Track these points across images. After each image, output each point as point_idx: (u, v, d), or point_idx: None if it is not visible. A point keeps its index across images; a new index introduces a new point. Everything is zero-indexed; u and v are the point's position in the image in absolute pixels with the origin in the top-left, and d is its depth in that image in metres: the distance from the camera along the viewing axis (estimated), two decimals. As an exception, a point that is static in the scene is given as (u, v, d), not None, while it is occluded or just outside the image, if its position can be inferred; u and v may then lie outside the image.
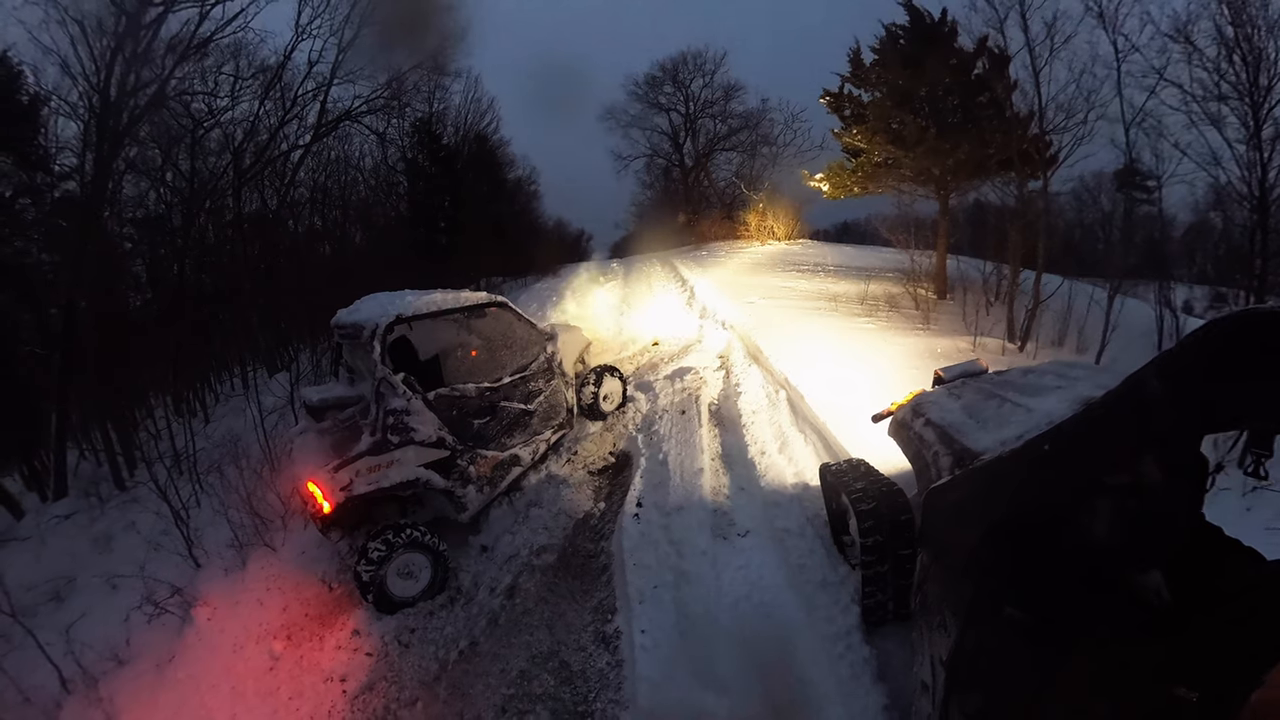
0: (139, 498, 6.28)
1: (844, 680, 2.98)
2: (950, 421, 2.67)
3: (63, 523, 6.56)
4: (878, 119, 9.75)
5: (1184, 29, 7.49)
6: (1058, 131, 8.60)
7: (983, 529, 1.95)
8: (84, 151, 9.05)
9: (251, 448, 6.17)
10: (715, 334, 8.07)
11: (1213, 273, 10.03)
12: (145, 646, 4.15)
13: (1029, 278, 8.57)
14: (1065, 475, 1.68)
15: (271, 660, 4.02)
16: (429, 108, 14.54)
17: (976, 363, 3.73)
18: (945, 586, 2.15)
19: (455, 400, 4.51)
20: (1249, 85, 7.03)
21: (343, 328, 4.66)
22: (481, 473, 4.63)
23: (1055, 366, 3.06)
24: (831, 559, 3.74)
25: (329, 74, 12.18)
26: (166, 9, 9.40)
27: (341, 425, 4.47)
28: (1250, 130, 7.06)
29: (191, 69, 10.39)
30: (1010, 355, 7.40)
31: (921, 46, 9.63)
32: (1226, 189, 7.90)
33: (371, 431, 4.12)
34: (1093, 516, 1.67)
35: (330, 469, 3.94)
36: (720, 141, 22.97)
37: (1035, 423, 2.22)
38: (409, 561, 4.13)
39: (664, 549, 4.03)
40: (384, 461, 4.10)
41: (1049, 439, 1.74)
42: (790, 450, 5.01)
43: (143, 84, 9.25)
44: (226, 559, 4.87)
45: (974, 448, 2.30)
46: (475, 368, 4.84)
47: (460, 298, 4.83)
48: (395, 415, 4.17)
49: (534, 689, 3.40)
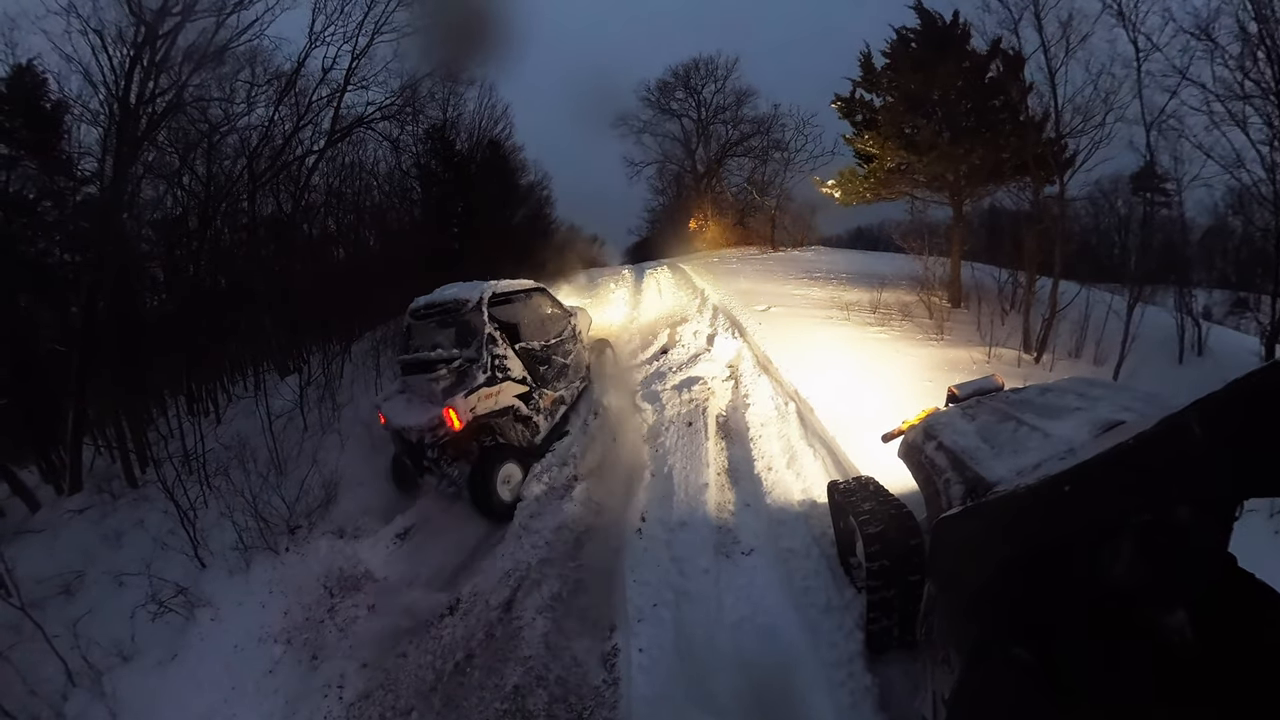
0: (149, 496, 6.32)
1: (844, 709, 2.88)
2: (963, 446, 2.55)
3: (76, 517, 6.62)
4: (889, 124, 9.55)
5: (1205, 26, 7.20)
6: (1074, 134, 8.33)
7: (993, 567, 1.85)
8: (104, 156, 9.20)
9: (259, 451, 6.17)
10: (725, 342, 7.97)
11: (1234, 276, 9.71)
12: (149, 643, 4.16)
13: (1045, 285, 8.35)
14: (1087, 517, 1.52)
15: (272, 663, 4.04)
16: (444, 114, 14.64)
17: (992, 379, 3.57)
18: (951, 621, 2.05)
19: (528, 353, 6.02)
20: (1274, 83, 6.75)
21: (433, 305, 5.84)
22: (545, 405, 6.07)
23: (1074, 384, 2.92)
24: (837, 581, 3.61)
25: (343, 80, 12.25)
26: (184, 18, 9.50)
27: (411, 382, 5.65)
28: (1276, 129, 6.78)
29: (208, 76, 10.49)
30: (1026, 367, 7.18)
31: (933, 50, 9.41)
32: (1249, 191, 7.63)
33: (484, 371, 5.32)
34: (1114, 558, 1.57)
35: (461, 397, 5.06)
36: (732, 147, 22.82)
37: (1053, 449, 2.12)
38: (508, 473, 5.32)
39: (665, 566, 3.95)
40: (494, 392, 5.37)
41: (1070, 479, 1.53)
42: (799, 465, 4.89)
43: (161, 91, 9.38)
44: (230, 561, 4.87)
45: (988, 477, 2.19)
46: (532, 333, 6.31)
47: (518, 283, 6.41)
48: (498, 360, 5.50)
49: (528, 705, 3.33)
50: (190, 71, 9.80)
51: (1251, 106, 6.92)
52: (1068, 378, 3.28)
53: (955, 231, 9.90)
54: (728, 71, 22.93)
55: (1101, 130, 7.98)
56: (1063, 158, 8.39)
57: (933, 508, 2.63)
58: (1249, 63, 6.87)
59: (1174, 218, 8.55)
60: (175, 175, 10.38)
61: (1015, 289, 9.07)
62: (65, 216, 9.90)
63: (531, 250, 13.36)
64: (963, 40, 9.44)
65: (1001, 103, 9.03)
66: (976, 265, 10.06)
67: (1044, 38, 8.14)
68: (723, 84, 22.97)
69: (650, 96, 23.81)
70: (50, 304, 9.63)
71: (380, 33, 12.33)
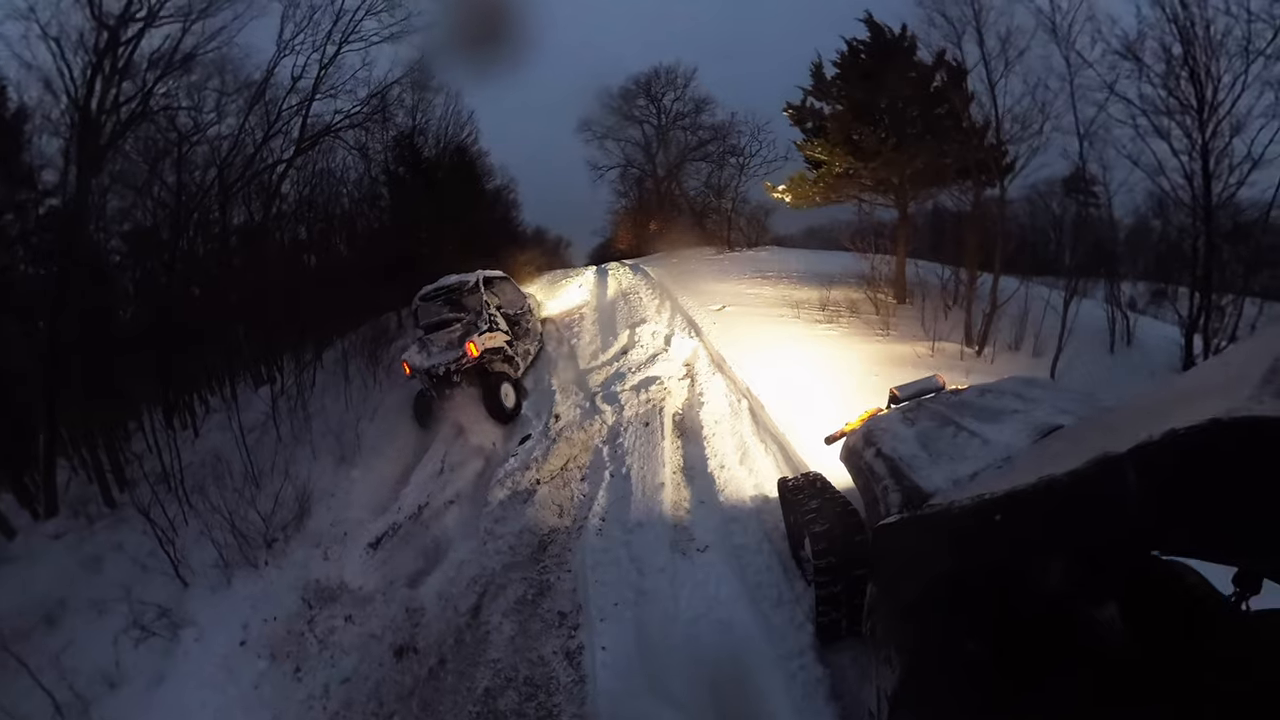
0: (127, 517, 6.14)
1: (798, 699, 2.95)
2: (902, 454, 2.55)
3: (53, 543, 6.41)
4: (838, 131, 9.71)
5: (1133, 47, 7.54)
6: (1015, 141, 8.65)
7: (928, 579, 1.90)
8: (66, 167, 8.79)
9: (235, 465, 6.08)
10: (682, 342, 8.07)
11: (1154, 270, 10.22)
12: (135, 669, 4.12)
13: (986, 282, 8.61)
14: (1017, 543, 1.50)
15: (257, 678, 4.03)
16: (412, 121, 14.38)
17: (934, 379, 3.56)
18: (892, 621, 2.08)
19: (507, 316, 8.15)
20: (1195, 100, 7.08)
21: (439, 289, 7.99)
22: (519, 351, 7.95)
23: (1013, 385, 2.95)
24: (789, 575, 3.70)
25: (311, 89, 11.97)
26: (147, 24, 9.16)
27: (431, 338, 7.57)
28: (1195, 143, 7.13)
29: (175, 84, 10.13)
30: (969, 360, 7.37)
31: (882, 61, 9.59)
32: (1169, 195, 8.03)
33: (485, 323, 7.34)
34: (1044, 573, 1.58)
35: (475, 337, 7.02)
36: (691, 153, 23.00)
37: (991, 456, 2.15)
38: (506, 390, 7.10)
39: (625, 566, 4.05)
40: (493, 336, 7.30)
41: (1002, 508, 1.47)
42: (751, 461, 5.00)
43: (125, 99, 9.04)
44: (212, 578, 4.84)
45: (925, 487, 2.20)
46: (507, 304, 8.59)
47: (496, 272, 8.95)
48: (492, 317, 7.51)
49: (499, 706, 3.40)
50: (155, 79, 9.48)
51: (1174, 121, 7.27)
52: (1008, 378, 3.26)
53: (900, 232, 10.16)
54: (687, 80, 23.11)
55: (1040, 138, 8.30)
56: (1003, 163, 8.66)
57: (872, 513, 2.62)
58: (1172, 81, 7.20)
59: (1104, 218, 8.88)
60: (144, 185, 10.03)
61: (957, 285, 9.33)
62: (28, 230, 9.50)
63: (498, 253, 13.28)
64: (909, 52, 9.64)
65: (945, 111, 9.24)
66: (920, 263, 10.32)
67: (985, 51, 8.43)
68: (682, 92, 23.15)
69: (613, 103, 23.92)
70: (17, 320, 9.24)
71: (349, 41, 12.15)
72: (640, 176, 24.45)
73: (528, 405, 7.31)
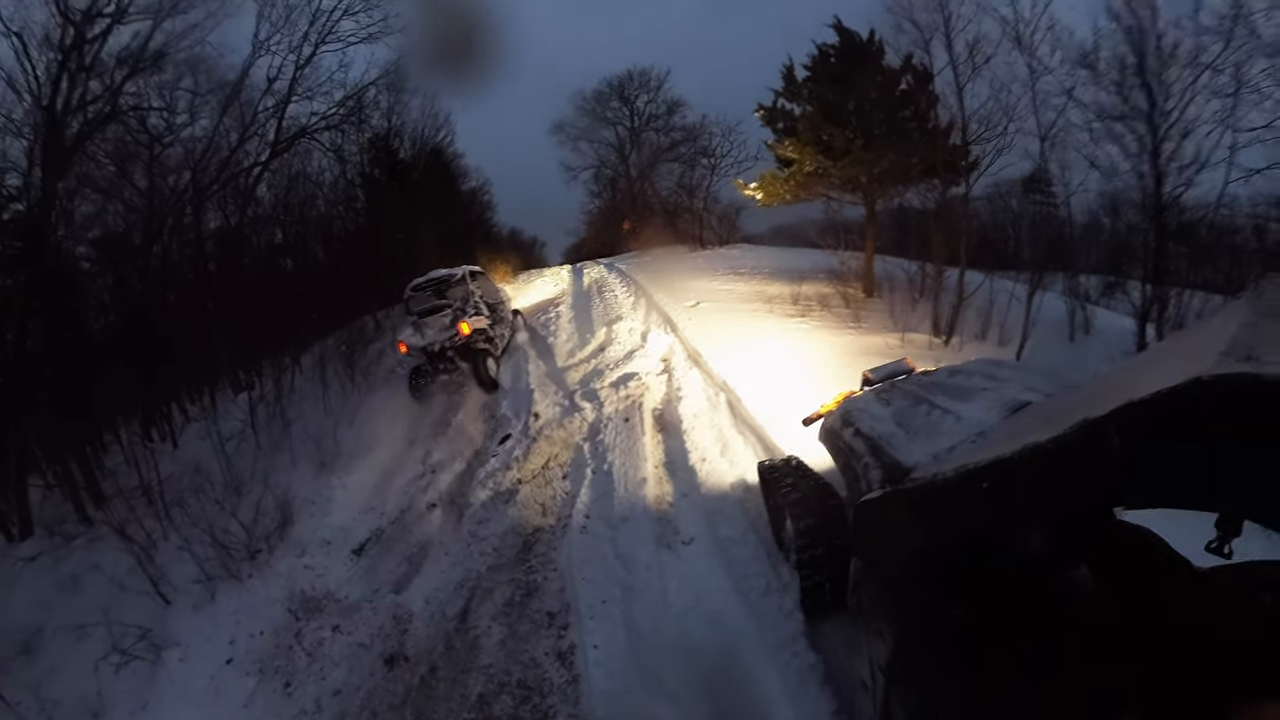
0: (104, 535, 5.82)
1: (792, 686, 2.90)
2: (880, 432, 2.54)
3: (28, 565, 6.05)
4: (808, 131, 9.80)
5: (1089, 56, 7.83)
6: (980, 142, 8.92)
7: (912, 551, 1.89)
8: (30, 169, 8.30)
9: (214, 474, 5.89)
10: (659, 338, 8.06)
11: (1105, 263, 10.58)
12: (119, 696, 3.93)
13: (953, 275, 8.78)
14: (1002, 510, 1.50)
15: (246, 696, 3.87)
16: (388, 123, 14.09)
17: (904, 362, 3.60)
18: (878, 596, 2.08)
19: (488, 304, 8.69)
20: (1147, 107, 7.32)
21: (429, 281, 8.59)
22: (498, 333, 8.60)
23: (980, 366, 2.97)
24: (774, 563, 3.66)
25: (287, 91, 11.59)
26: (115, 20, 8.73)
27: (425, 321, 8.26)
28: (1147, 146, 7.37)
29: (146, 83, 9.69)
30: (937, 349, 7.53)
31: (851, 64, 9.75)
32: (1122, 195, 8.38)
33: (472, 308, 8.15)
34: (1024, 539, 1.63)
35: (467, 317, 7.78)
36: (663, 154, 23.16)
37: (965, 431, 2.15)
38: (490, 364, 7.83)
39: (611, 563, 3.99)
40: (479, 317, 7.96)
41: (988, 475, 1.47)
42: (731, 453, 4.99)
43: (92, 99, 8.62)
44: (195, 594, 4.63)
45: (904, 462, 2.19)
46: (487, 295, 9.03)
47: (476, 267, 9.70)
48: (476, 304, 8.29)
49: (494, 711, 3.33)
50: (124, 78, 9.06)
51: (1127, 126, 7.51)
52: (975, 359, 3.33)
53: (868, 228, 10.32)
54: (660, 83, 23.15)
55: (1004, 139, 8.58)
56: (968, 161, 8.84)
57: (853, 491, 2.62)
58: (1127, 89, 7.48)
59: (1062, 216, 9.15)
60: (115, 189, 9.60)
61: (924, 279, 9.49)
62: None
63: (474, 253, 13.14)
64: (878, 56, 9.84)
65: (911, 113, 9.41)
66: (888, 258, 10.51)
67: (952, 56, 8.71)
68: (655, 94, 23.22)
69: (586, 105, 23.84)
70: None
71: (325, 42, 11.77)
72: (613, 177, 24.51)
73: (506, 405, 7.22)
